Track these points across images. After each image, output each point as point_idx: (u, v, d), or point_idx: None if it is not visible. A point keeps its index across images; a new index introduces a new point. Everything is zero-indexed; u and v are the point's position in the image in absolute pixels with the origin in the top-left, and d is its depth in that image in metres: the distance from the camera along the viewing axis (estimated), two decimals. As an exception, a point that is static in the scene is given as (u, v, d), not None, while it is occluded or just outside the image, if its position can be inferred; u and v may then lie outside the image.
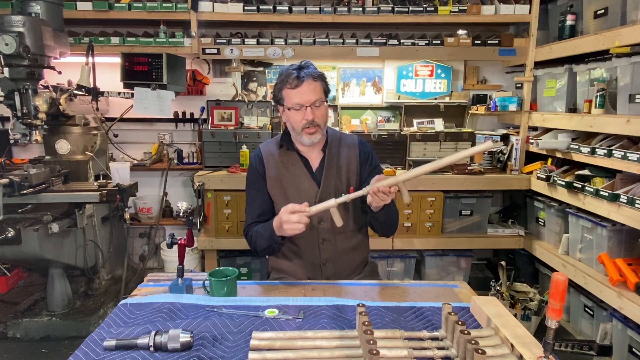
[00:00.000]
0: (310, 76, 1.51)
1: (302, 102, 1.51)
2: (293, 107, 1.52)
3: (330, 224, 1.59)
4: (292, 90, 1.51)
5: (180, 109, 3.41)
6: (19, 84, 2.30)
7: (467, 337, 0.95)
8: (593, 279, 2.32)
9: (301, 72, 1.51)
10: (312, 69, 1.54)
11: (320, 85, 1.54)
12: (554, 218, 2.84)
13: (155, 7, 2.90)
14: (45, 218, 2.27)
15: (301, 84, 1.49)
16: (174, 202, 3.48)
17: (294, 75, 1.50)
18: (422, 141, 3.06)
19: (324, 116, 1.57)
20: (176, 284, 1.33)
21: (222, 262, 3.08)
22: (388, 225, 1.59)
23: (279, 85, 1.55)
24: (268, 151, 1.67)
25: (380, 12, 2.97)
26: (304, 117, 1.51)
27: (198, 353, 1.02)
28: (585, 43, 2.47)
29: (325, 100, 1.58)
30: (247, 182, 1.68)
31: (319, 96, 1.53)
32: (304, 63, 1.56)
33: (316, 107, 1.52)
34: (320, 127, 1.55)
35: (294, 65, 1.54)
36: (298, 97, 1.51)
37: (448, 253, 3.12)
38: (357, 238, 1.68)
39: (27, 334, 2.56)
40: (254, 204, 1.65)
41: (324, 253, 1.61)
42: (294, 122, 1.55)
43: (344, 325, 1.15)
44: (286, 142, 1.64)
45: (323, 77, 1.57)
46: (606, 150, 2.24)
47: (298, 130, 1.55)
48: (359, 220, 1.67)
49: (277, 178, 1.62)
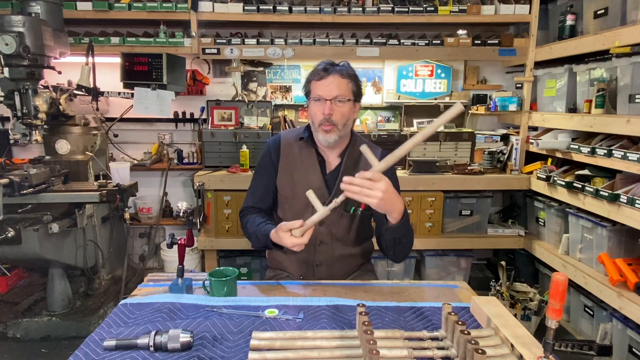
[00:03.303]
0: (339, 72, 1.48)
1: (324, 94, 1.48)
2: (314, 97, 1.50)
3: (330, 228, 1.58)
4: (317, 82, 1.49)
5: (180, 109, 3.41)
6: (19, 84, 2.30)
7: (467, 337, 0.95)
8: (593, 279, 2.32)
9: (331, 66, 1.49)
10: (345, 66, 1.52)
11: (348, 83, 1.50)
12: (554, 218, 2.84)
13: (155, 7, 2.90)
14: (45, 218, 2.27)
15: (326, 76, 1.47)
16: (174, 202, 3.48)
17: (321, 67, 1.50)
18: (422, 141, 3.05)
19: (345, 116, 1.50)
20: (176, 284, 1.33)
21: (222, 262, 3.08)
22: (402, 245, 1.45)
23: (308, 77, 1.54)
24: (287, 140, 1.63)
25: (380, 12, 2.97)
26: (322, 110, 1.48)
27: (198, 353, 1.02)
28: (585, 43, 2.46)
29: (352, 101, 1.52)
30: (257, 163, 1.67)
31: (343, 93, 1.48)
32: (341, 62, 1.54)
33: (337, 105, 1.48)
34: (338, 127, 1.50)
35: (329, 60, 1.53)
36: (321, 89, 1.48)
37: (448, 253, 3.12)
38: (356, 249, 1.65)
39: (27, 334, 2.55)
40: (257, 187, 1.65)
41: (319, 255, 1.59)
42: (313, 114, 1.52)
43: (344, 325, 1.15)
44: (307, 136, 1.60)
45: (354, 77, 1.52)
46: (606, 150, 2.24)
47: (316, 125, 1.52)
48: (362, 232, 1.64)
49: (289, 170, 1.59)
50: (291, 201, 1.60)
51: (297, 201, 1.57)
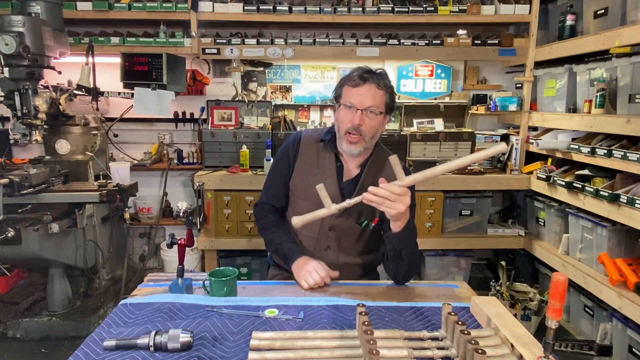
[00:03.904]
0: (375, 82, 1.42)
1: (356, 103, 1.42)
2: (345, 104, 1.44)
3: (338, 236, 1.56)
4: (352, 89, 1.43)
5: (180, 109, 3.41)
6: (19, 84, 2.30)
7: (467, 337, 0.95)
8: (593, 279, 2.32)
9: (368, 74, 1.43)
10: (383, 77, 1.45)
11: (383, 95, 1.44)
12: (554, 218, 2.84)
13: (155, 7, 2.90)
14: (45, 218, 2.27)
15: (362, 84, 1.41)
16: (174, 202, 3.48)
17: (358, 73, 1.43)
18: (422, 141, 3.06)
19: (374, 128, 1.45)
20: (176, 284, 1.33)
21: (222, 262, 3.07)
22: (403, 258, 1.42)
23: (342, 80, 1.48)
24: (307, 139, 1.59)
25: (380, 12, 2.97)
26: (351, 119, 1.42)
27: (198, 353, 1.02)
28: (585, 43, 2.46)
29: (384, 115, 1.47)
30: (275, 159, 1.67)
31: (377, 104, 1.42)
32: (379, 70, 1.47)
33: (368, 115, 1.42)
34: (365, 139, 1.45)
35: (366, 68, 1.46)
36: (354, 97, 1.42)
37: (448, 253, 3.12)
38: (362, 259, 1.62)
39: (27, 334, 2.55)
40: (272, 183, 1.64)
41: (324, 259, 1.55)
42: (340, 121, 1.46)
43: (344, 325, 1.15)
44: (329, 139, 1.55)
45: (390, 88, 1.46)
46: (606, 150, 2.24)
47: (342, 133, 1.46)
48: (369, 244, 1.60)
49: (304, 171, 1.56)
50: (302, 202, 1.56)
51: (308, 203, 1.49)
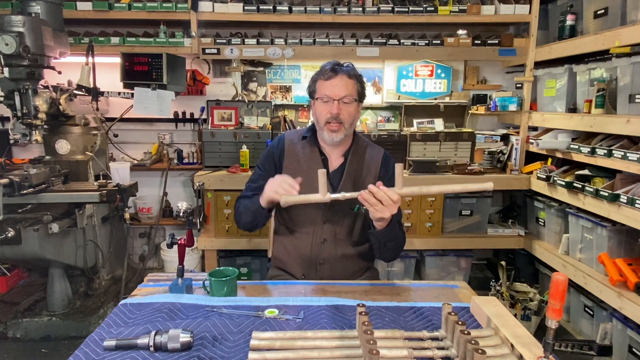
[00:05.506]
0: (346, 72, 1.52)
1: (331, 94, 1.51)
2: (321, 97, 1.53)
3: (333, 227, 1.59)
4: (325, 82, 1.52)
5: (180, 109, 3.41)
6: (19, 84, 2.29)
7: (467, 337, 0.95)
8: (593, 279, 2.32)
9: (338, 66, 1.53)
10: (351, 68, 1.56)
11: (354, 84, 1.54)
12: (554, 218, 2.84)
13: (155, 7, 2.90)
14: (45, 218, 2.27)
15: (334, 76, 1.51)
16: (174, 202, 3.48)
17: (329, 67, 1.53)
18: (422, 141, 3.06)
19: (351, 115, 1.55)
20: (176, 284, 1.33)
21: (222, 262, 3.07)
22: (388, 248, 1.52)
23: (315, 76, 1.57)
24: (291, 140, 1.66)
25: (380, 12, 2.97)
26: (329, 110, 1.51)
27: (198, 353, 1.02)
28: (585, 43, 2.47)
29: (357, 101, 1.56)
30: (260, 160, 1.70)
31: (350, 93, 1.52)
32: (345, 63, 1.57)
33: (344, 104, 1.52)
34: (344, 127, 1.54)
35: (335, 61, 1.56)
36: (328, 89, 1.52)
37: (448, 253, 3.12)
38: (360, 249, 1.65)
39: (27, 334, 2.56)
40: (255, 181, 1.66)
41: (322, 253, 1.60)
42: (319, 114, 1.55)
43: (344, 325, 1.15)
44: (310, 136, 1.64)
45: (359, 77, 1.57)
46: (606, 150, 2.24)
47: (321, 124, 1.55)
48: (365, 232, 1.64)
49: (293, 169, 1.60)
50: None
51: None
